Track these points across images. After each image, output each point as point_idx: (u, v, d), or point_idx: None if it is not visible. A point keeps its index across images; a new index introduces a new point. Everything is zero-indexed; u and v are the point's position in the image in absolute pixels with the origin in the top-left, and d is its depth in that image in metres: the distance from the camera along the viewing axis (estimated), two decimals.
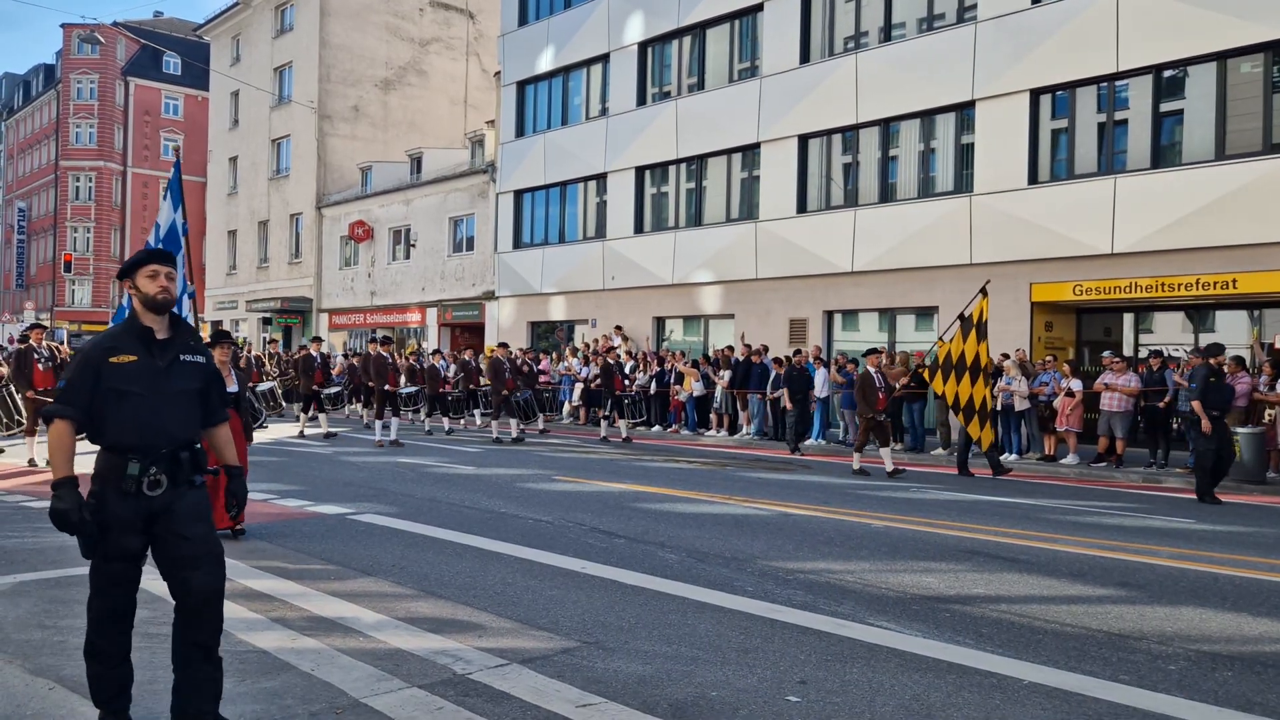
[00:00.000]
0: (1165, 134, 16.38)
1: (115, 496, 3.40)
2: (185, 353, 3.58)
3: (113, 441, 3.41)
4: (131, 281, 3.56)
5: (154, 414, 3.42)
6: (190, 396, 3.57)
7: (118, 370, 3.40)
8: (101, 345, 3.47)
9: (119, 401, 3.39)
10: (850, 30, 20.77)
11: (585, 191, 26.83)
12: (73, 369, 3.46)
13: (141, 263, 3.57)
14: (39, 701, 3.92)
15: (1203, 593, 6.31)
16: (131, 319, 3.56)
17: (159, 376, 3.46)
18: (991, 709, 4.05)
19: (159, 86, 58.47)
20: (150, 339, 3.50)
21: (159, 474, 3.43)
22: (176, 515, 3.47)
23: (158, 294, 3.51)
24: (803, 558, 7.19)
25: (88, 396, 3.40)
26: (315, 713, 3.86)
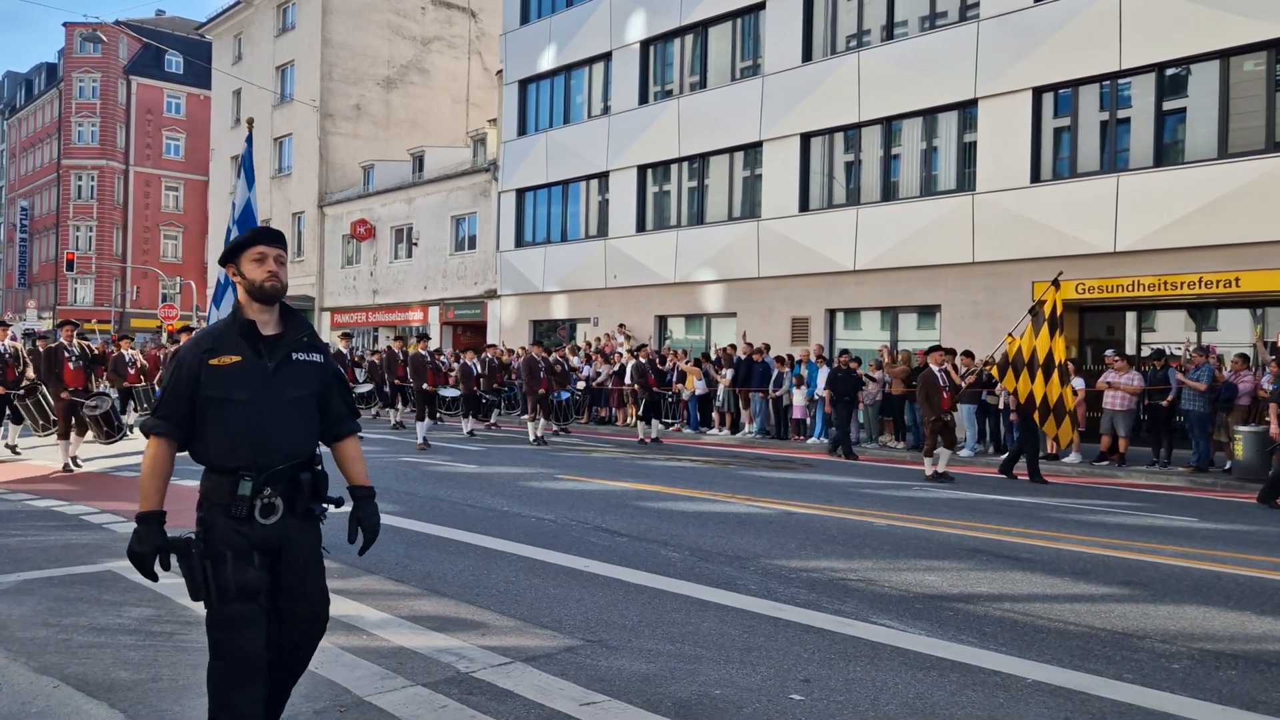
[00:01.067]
0: (1168, 132, 16.36)
1: (226, 522, 2.88)
2: (298, 350, 3.06)
3: (218, 459, 2.92)
4: (235, 266, 3.05)
5: (263, 425, 2.92)
6: (306, 404, 3.04)
7: (219, 374, 2.91)
8: (199, 345, 2.97)
9: (222, 411, 2.90)
10: (852, 28, 20.75)
11: (587, 190, 26.82)
12: (167, 375, 3.00)
13: (248, 244, 3.05)
14: (44, 700, 3.93)
15: (1206, 591, 6.31)
16: (235, 312, 3.05)
17: (268, 380, 2.96)
18: (995, 707, 4.05)
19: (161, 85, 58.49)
20: (256, 336, 2.99)
21: (273, 497, 2.91)
22: (287, 562, 2.96)
23: (266, 281, 2.99)
24: (806, 556, 7.19)
25: (187, 406, 2.92)
26: (319, 710, 3.86)
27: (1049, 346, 12.71)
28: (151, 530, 2.87)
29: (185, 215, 58.88)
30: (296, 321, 3.14)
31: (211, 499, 2.93)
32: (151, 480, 2.90)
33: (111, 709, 3.83)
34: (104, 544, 7.11)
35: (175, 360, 3.00)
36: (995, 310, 17.85)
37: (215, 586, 2.85)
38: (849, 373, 16.29)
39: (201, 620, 5.11)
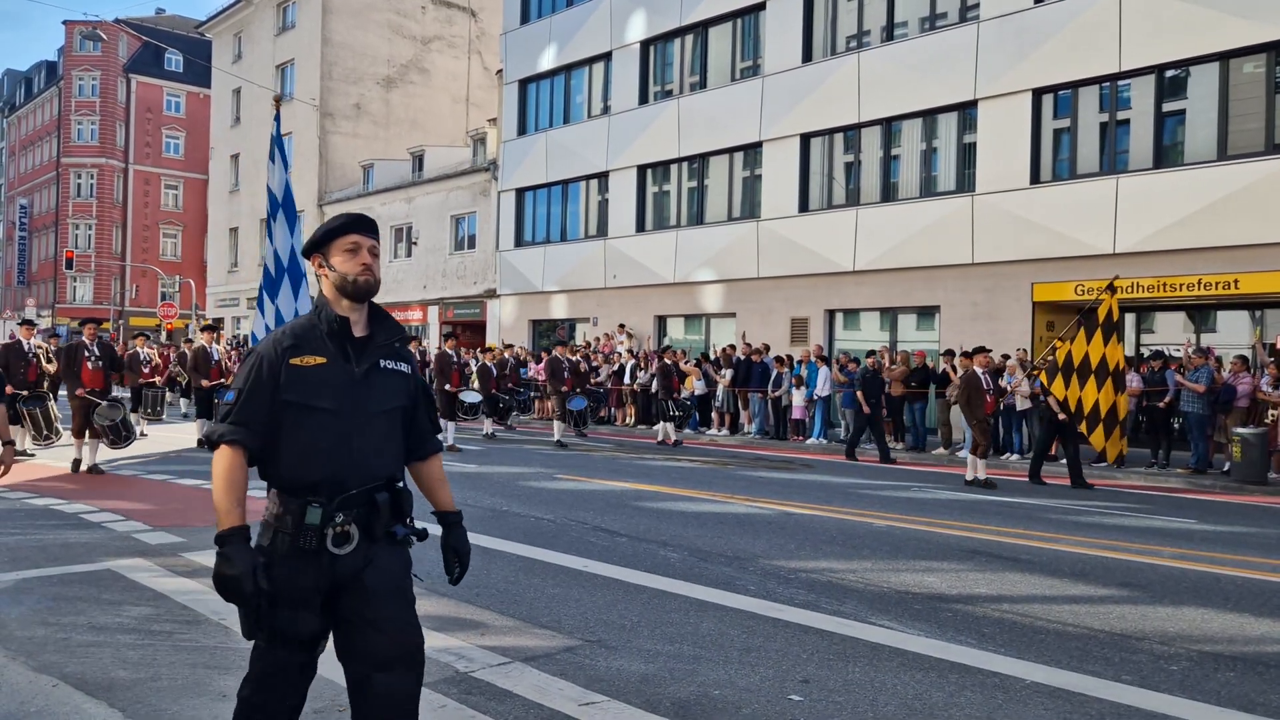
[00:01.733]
0: (1167, 134, 16.37)
1: (289, 554, 2.51)
2: (388, 357, 2.68)
3: (288, 476, 2.54)
4: (323, 257, 2.68)
5: (346, 440, 2.55)
6: (394, 419, 2.68)
7: (301, 376, 2.53)
8: (280, 341, 2.59)
9: (301, 420, 2.52)
10: (852, 29, 20.75)
11: (587, 190, 26.82)
12: (244, 374, 2.59)
13: (339, 231, 2.67)
14: (43, 699, 3.92)
15: (1205, 593, 6.31)
16: (320, 308, 2.67)
17: (355, 388, 2.58)
18: (994, 708, 4.05)
19: (161, 84, 58.45)
20: (346, 335, 2.62)
21: (347, 524, 2.54)
22: (367, 591, 2.56)
23: (359, 275, 2.62)
24: (805, 557, 7.19)
25: (265, 411, 2.53)
26: (319, 710, 3.86)
27: (1102, 352, 12.18)
28: (240, 548, 2.44)
29: (185, 214, 58.84)
30: (388, 324, 2.75)
31: (277, 524, 2.54)
32: (228, 492, 2.49)
33: (110, 708, 3.83)
34: (103, 543, 7.11)
35: (253, 357, 2.61)
36: (994, 311, 17.86)
37: (266, 628, 2.50)
38: (877, 374, 15.82)
39: (201, 620, 5.14)
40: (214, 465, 2.55)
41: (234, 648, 4.65)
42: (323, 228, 2.69)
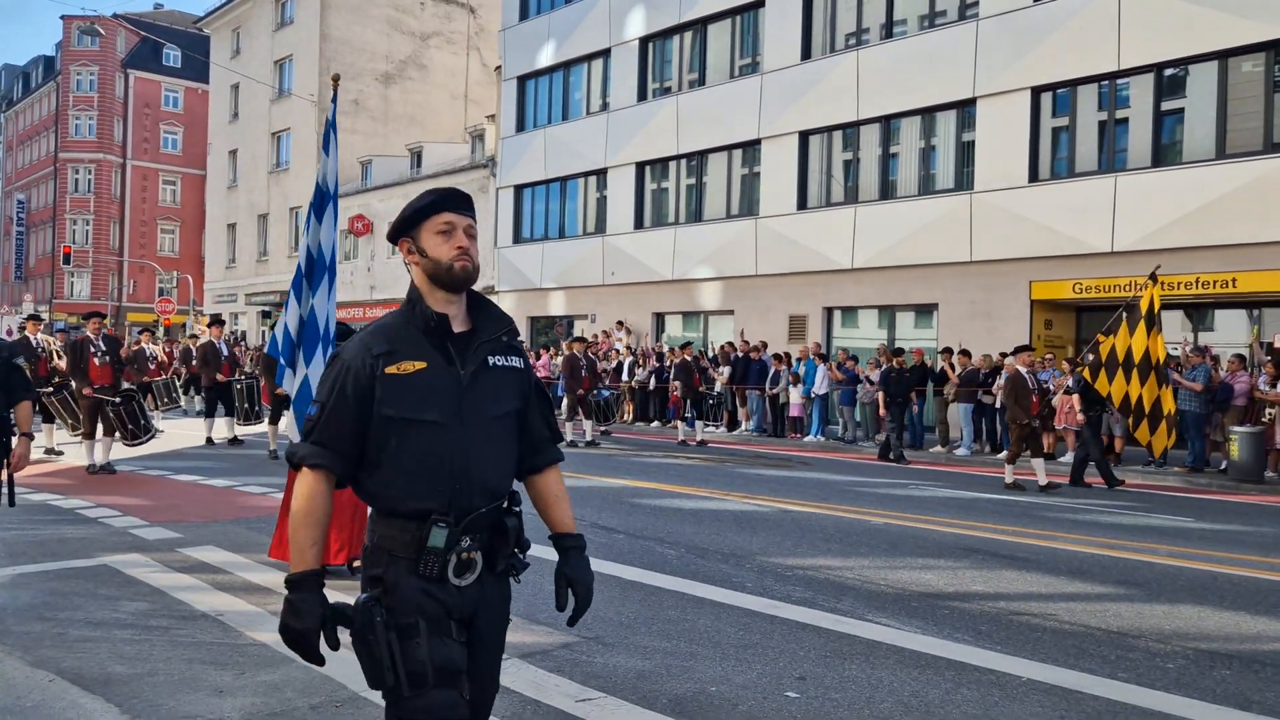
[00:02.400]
0: (1166, 133, 16.38)
1: (414, 581, 2.17)
2: (497, 352, 2.31)
3: (399, 500, 2.19)
4: (411, 241, 2.32)
5: (462, 454, 2.20)
6: (508, 424, 2.32)
7: (400, 386, 2.18)
8: (369, 347, 2.21)
9: (406, 437, 2.18)
10: (852, 27, 20.74)
11: (585, 187, 26.80)
12: (327, 386, 2.24)
13: (430, 210, 2.30)
14: (39, 693, 3.92)
15: (1201, 591, 6.32)
16: (414, 302, 2.31)
17: (463, 393, 2.23)
18: (990, 705, 4.06)
19: (159, 79, 58.34)
20: (446, 333, 2.26)
21: (472, 550, 2.20)
22: (476, 637, 2.26)
23: (455, 260, 2.26)
24: (802, 554, 7.20)
25: (353, 429, 2.19)
26: (315, 705, 3.86)
27: (1145, 345, 11.78)
28: (311, 597, 2.12)
29: (182, 209, 58.76)
30: (492, 314, 2.36)
31: (391, 550, 2.19)
32: (306, 529, 2.15)
33: (107, 703, 3.83)
34: (99, 538, 7.10)
35: (336, 367, 2.24)
36: (992, 309, 17.87)
37: (405, 671, 2.10)
38: (901, 372, 15.42)
39: (197, 615, 5.14)
40: (295, 491, 2.20)
41: (231, 643, 4.66)
42: (410, 206, 2.33)
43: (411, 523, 2.18)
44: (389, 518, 2.21)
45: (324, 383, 2.25)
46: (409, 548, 2.17)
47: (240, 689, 4.03)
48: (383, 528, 2.22)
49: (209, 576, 6.01)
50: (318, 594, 2.15)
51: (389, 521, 2.21)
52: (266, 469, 11.54)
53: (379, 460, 2.20)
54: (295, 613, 2.14)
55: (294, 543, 2.18)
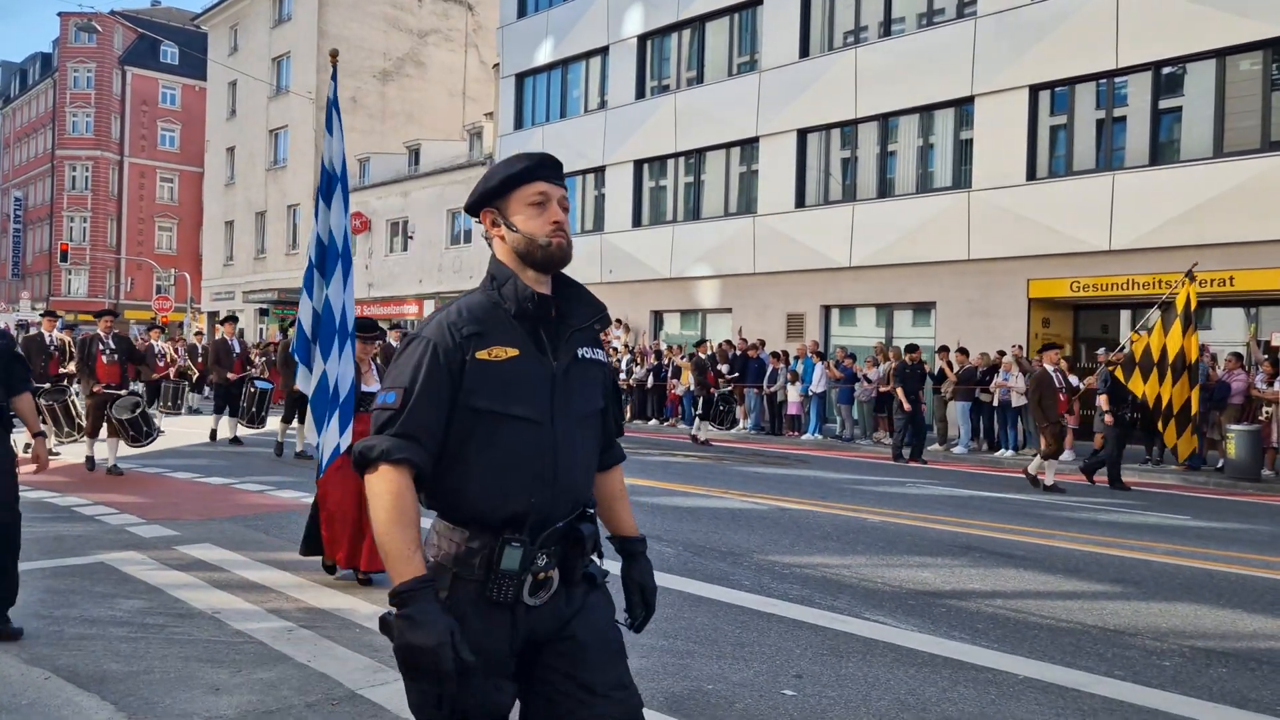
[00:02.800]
0: (1164, 131, 16.38)
1: (479, 608, 1.92)
2: (586, 344, 2.09)
3: (477, 507, 1.94)
4: (498, 212, 2.05)
5: (551, 456, 1.96)
6: (595, 425, 2.13)
7: (491, 375, 1.92)
8: (456, 327, 1.95)
9: (493, 433, 1.93)
10: (850, 25, 20.73)
11: (583, 184, 26.79)
12: (408, 368, 1.94)
13: (521, 178, 2.03)
14: (34, 691, 3.92)
15: (1198, 589, 6.33)
16: (503, 280, 2.02)
17: (556, 388, 1.99)
18: (986, 704, 4.06)
19: (156, 76, 58.25)
20: (543, 317, 2.02)
21: (550, 566, 1.97)
22: (579, 648, 2.01)
23: (551, 235, 2.02)
24: (799, 552, 7.20)
25: (442, 418, 1.92)
26: (311, 704, 3.86)
27: (1180, 344, 11.46)
28: (430, 607, 1.81)
29: (180, 207, 58.69)
30: (584, 298, 2.11)
31: (457, 569, 1.93)
32: (402, 529, 1.85)
33: (102, 701, 3.83)
34: (95, 536, 7.09)
35: (419, 346, 1.96)
36: (990, 308, 17.88)
37: (453, 711, 1.87)
38: (916, 368, 15.08)
39: (193, 613, 5.13)
40: (374, 492, 1.88)
41: (226, 641, 4.65)
42: (499, 172, 2.05)
43: (484, 536, 1.92)
44: (457, 528, 1.94)
45: (403, 365, 1.95)
46: (477, 568, 1.91)
47: (236, 686, 4.02)
48: (447, 541, 1.95)
49: (206, 574, 6.00)
50: (436, 602, 1.82)
51: (457, 533, 1.94)
52: (261, 465, 11.52)
53: (455, 459, 1.94)
54: (417, 627, 1.78)
55: (390, 550, 1.85)
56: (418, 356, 1.93)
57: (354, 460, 1.94)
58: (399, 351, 2.00)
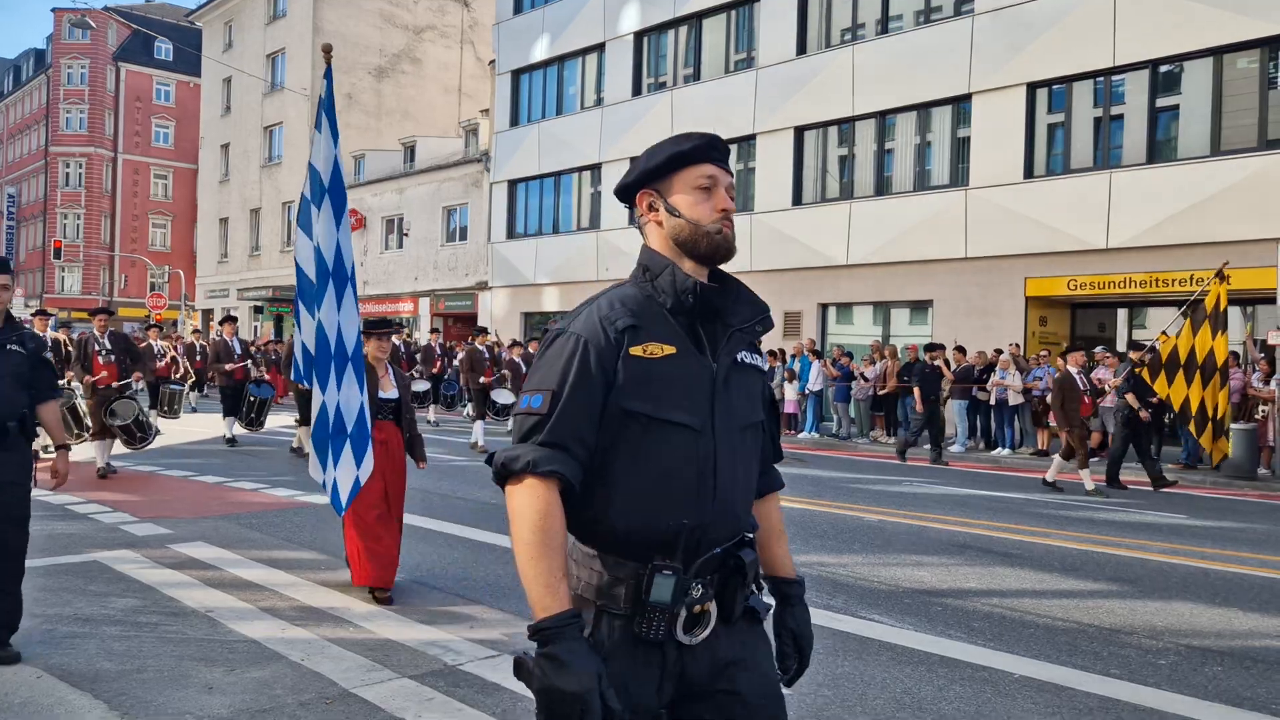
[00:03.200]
0: (1161, 129, 16.39)
1: (626, 648, 1.71)
2: (747, 347, 1.88)
3: (622, 527, 1.72)
4: (657, 194, 1.88)
5: (709, 471, 1.74)
6: (755, 437, 1.89)
7: (648, 374, 1.72)
8: (609, 320, 1.75)
9: (646, 441, 1.72)
10: (847, 22, 20.71)
11: (580, 182, 26.76)
12: (557, 366, 1.73)
13: (688, 158, 1.85)
14: (27, 690, 3.90)
15: (1194, 588, 6.33)
16: (658, 269, 1.85)
17: (717, 391, 1.78)
18: (983, 702, 4.05)
19: (150, 72, 58.08)
20: (704, 312, 1.81)
21: (705, 598, 1.75)
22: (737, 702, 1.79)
23: (718, 223, 1.83)
24: (795, 550, 7.19)
25: (592, 422, 1.72)
26: (305, 703, 3.84)
27: (1210, 345, 11.15)
28: (578, 646, 1.61)
29: (174, 204, 58.55)
30: (744, 296, 1.89)
31: (600, 600, 1.73)
32: (547, 556, 1.64)
33: (95, 699, 3.81)
34: (89, 534, 7.06)
35: (567, 341, 1.75)
36: (987, 306, 17.88)
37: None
38: (933, 370, 14.81)
39: (187, 612, 5.11)
40: (516, 508, 1.68)
41: (220, 640, 4.63)
42: (665, 150, 1.87)
43: (632, 562, 1.70)
44: (600, 552, 1.73)
45: (549, 364, 1.74)
46: (624, 599, 1.69)
47: (229, 686, 4.00)
48: (587, 570, 1.74)
49: (199, 573, 5.98)
50: (583, 640, 1.62)
51: (598, 560, 1.73)
52: (256, 463, 11.49)
53: (596, 472, 1.72)
54: (563, 670, 1.57)
55: (531, 579, 1.63)
56: (567, 354, 1.72)
57: (494, 471, 1.72)
58: (542, 348, 1.80)
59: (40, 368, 4.50)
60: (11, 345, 4.32)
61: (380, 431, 5.63)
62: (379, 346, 5.80)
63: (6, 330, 4.36)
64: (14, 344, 4.33)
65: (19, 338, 4.38)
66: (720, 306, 1.81)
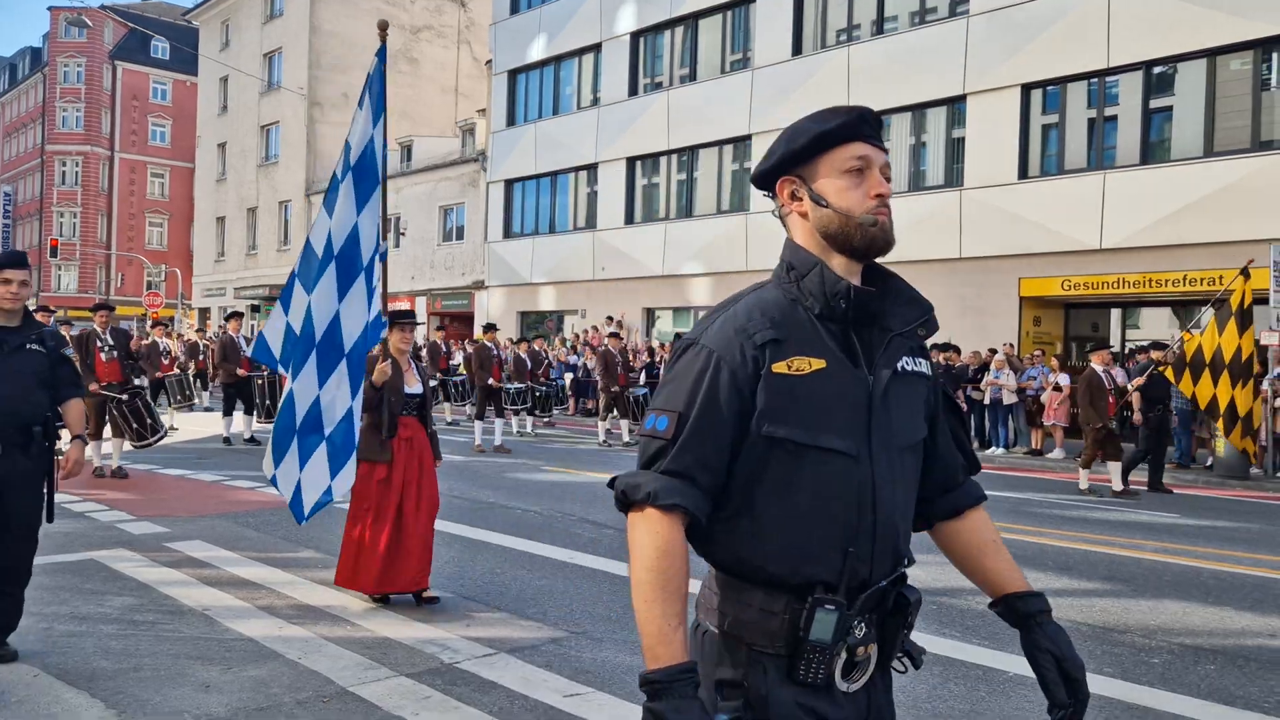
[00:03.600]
0: (1155, 130, 16.44)
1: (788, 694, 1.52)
2: (909, 353, 1.68)
3: (766, 565, 1.54)
4: (800, 181, 1.62)
5: (869, 499, 1.56)
6: (916, 458, 1.69)
7: (790, 393, 1.52)
8: (746, 332, 1.54)
9: (797, 470, 1.53)
10: (842, 23, 20.75)
11: (576, 181, 26.77)
12: (685, 385, 1.55)
13: (838, 136, 1.59)
14: (24, 688, 3.90)
15: (1187, 587, 6.36)
16: (799, 271, 1.61)
17: (875, 409, 1.57)
18: (977, 700, 4.07)
19: (147, 71, 57.97)
20: (860, 319, 1.60)
21: (867, 639, 1.56)
22: None
23: (874, 214, 1.59)
24: None
25: (723, 449, 1.53)
26: (302, 701, 3.85)
27: (1237, 344, 10.97)
28: (691, 704, 1.43)
29: (171, 203, 58.46)
30: (904, 294, 1.68)
31: (752, 644, 1.54)
32: (662, 598, 1.49)
33: (92, 698, 3.81)
34: (85, 533, 7.06)
35: (697, 355, 1.56)
36: (982, 306, 17.92)
37: None
38: (947, 371, 14.80)
39: (184, 610, 5.12)
40: (636, 542, 1.53)
41: (217, 639, 4.64)
42: (808, 130, 1.61)
43: (785, 599, 1.52)
44: (749, 589, 1.55)
45: (677, 381, 1.56)
46: (779, 639, 1.51)
47: (227, 684, 4.02)
48: (736, 605, 1.55)
49: (196, 571, 5.98)
50: (696, 699, 1.44)
51: (749, 595, 1.54)
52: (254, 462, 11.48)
53: (743, 506, 1.55)
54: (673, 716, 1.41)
55: (647, 624, 1.47)
56: (696, 371, 1.54)
57: (616, 498, 1.58)
58: (671, 361, 1.62)
59: (61, 366, 4.33)
60: (32, 345, 4.14)
61: (405, 428, 5.41)
62: (402, 338, 5.53)
63: (25, 329, 4.18)
64: (34, 343, 4.15)
65: (39, 336, 4.19)
66: (877, 310, 1.60)
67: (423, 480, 5.44)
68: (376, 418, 5.31)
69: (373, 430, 5.30)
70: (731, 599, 1.57)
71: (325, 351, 4.96)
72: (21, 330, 4.14)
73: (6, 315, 4.13)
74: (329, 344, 4.96)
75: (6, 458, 4.03)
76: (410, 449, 5.41)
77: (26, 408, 4.07)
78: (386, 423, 5.30)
